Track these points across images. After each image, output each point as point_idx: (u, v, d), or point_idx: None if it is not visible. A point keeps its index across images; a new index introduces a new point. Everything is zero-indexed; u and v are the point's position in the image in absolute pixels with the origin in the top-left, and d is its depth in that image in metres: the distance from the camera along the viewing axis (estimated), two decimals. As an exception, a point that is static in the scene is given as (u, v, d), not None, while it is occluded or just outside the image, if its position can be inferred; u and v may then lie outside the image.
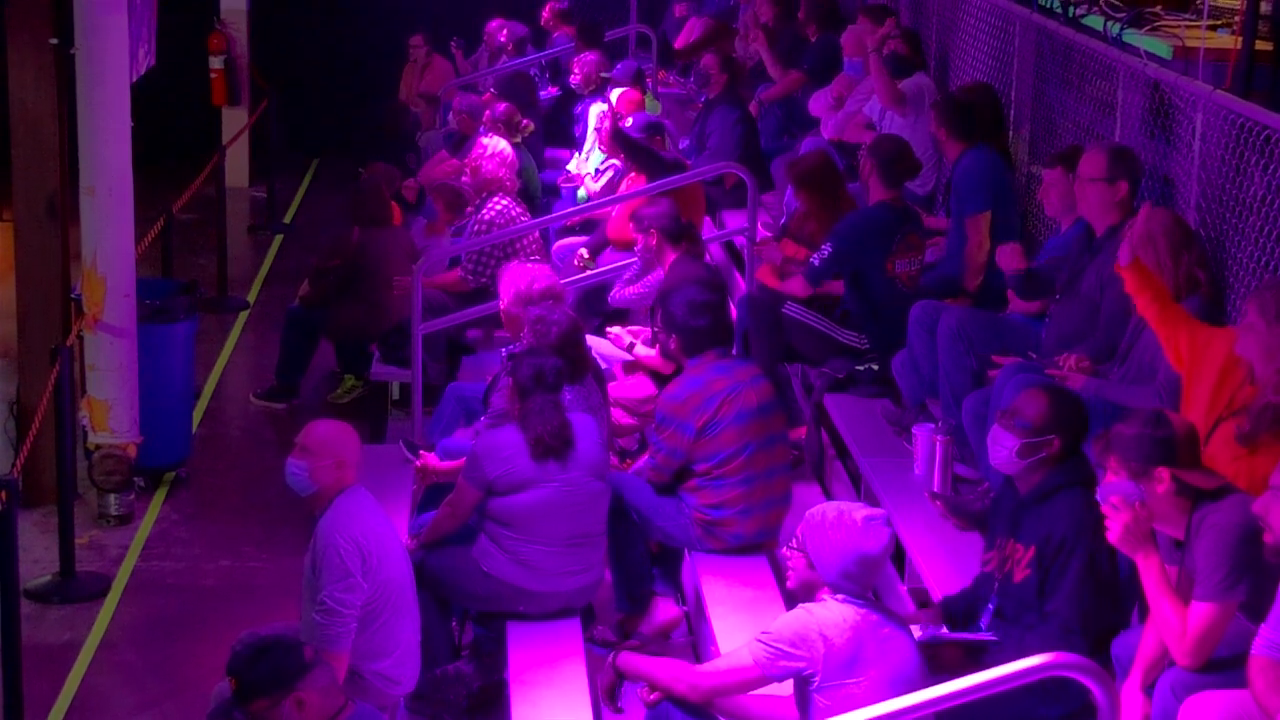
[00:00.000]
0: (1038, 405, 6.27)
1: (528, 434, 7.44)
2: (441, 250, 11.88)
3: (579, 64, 14.80)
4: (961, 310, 8.45)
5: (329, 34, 20.66)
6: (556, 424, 7.45)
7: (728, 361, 8.06)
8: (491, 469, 7.43)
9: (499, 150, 11.72)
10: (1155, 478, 5.62)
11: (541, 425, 7.44)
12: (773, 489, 7.92)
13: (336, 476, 6.90)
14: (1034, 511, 6.24)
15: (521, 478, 7.42)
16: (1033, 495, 6.26)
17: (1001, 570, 6.31)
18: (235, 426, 12.30)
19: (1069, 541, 6.08)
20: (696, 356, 7.97)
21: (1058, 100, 9.51)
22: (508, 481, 7.43)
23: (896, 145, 9.51)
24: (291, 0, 20.55)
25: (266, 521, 10.42)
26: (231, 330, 14.22)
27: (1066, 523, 6.11)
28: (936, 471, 7.93)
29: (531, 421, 7.45)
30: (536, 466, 7.42)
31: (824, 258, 9.27)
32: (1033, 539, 6.17)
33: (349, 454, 6.96)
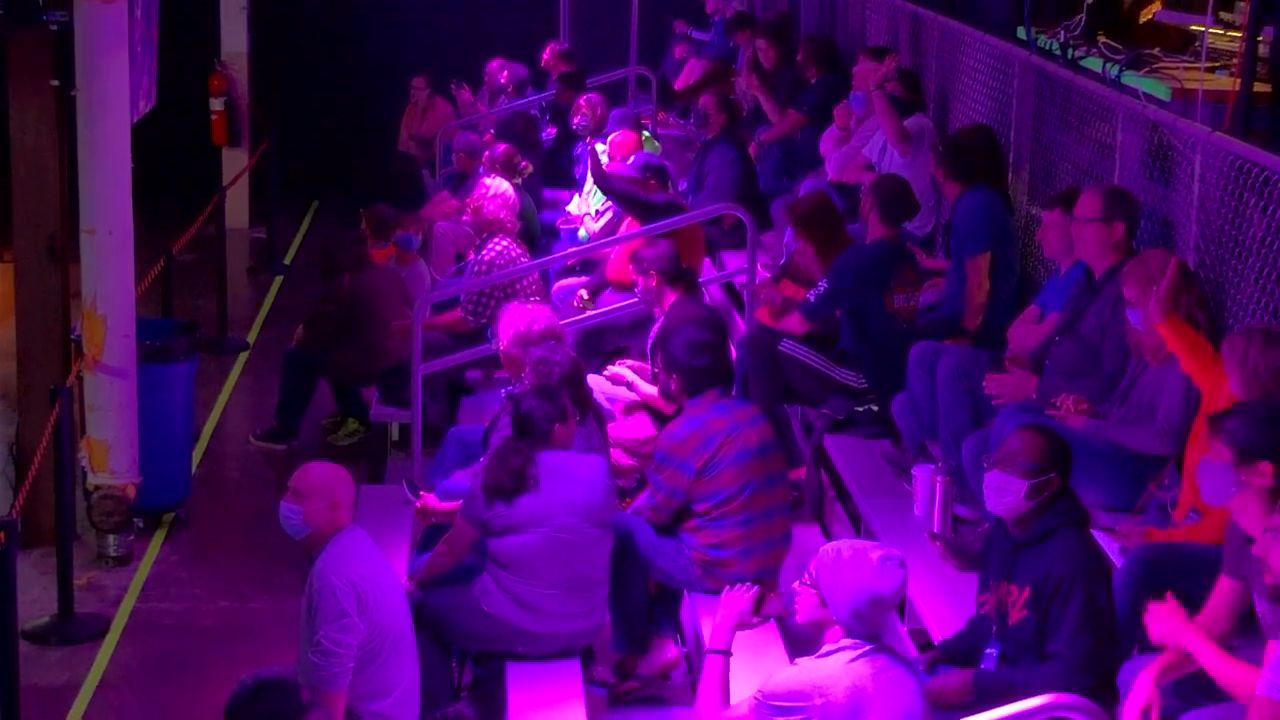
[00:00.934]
0: (1037, 445, 6.27)
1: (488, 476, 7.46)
2: (442, 290, 11.90)
3: (586, 105, 14.83)
4: (961, 351, 8.46)
5: (329, 76, 20.73)
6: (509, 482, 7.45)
7: (728, 401, 8.07)
8: (486, 508, 7.43)
9: (501, 191, 11.74)
10: (1258, 470, 5.61)
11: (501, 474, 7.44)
12: (773, 529, 7.91)
13: (330, 518, 6.90)
14: (1029, 553, 6.23)
15: (515, 519, 7.41)
16: (1029, 536, 6.25)
17: (998, 613, 6.31)
18: (234, 467, 12.30)
19: (1066, 581, 6.08)
20: (697, 396, 7.98)
21: (1057, 141, 9.53)
22: (501, 522, 7.42)
23: (898, 184, 9.55)
24: (292, 42, 20.63)
25: (265, 562, 10.41)
26: (231, 371, 14.23)
27: (1064, 563, 6.11)
28: (936, 512, 7.93)
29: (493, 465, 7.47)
30: (531, 508, 7.40)
31: (821, 294, 9.30)
32: (1027, 580, 6.17)
33: (342, 496, 6.96)
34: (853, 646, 5.61)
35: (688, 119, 15.92)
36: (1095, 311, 7.75)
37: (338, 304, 12.18)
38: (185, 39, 17.89)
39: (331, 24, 20.78)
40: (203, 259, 16.06)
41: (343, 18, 20.82)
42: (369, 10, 20.87)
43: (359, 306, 12.02)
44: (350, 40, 20.77)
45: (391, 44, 20.48)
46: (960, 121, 11.10)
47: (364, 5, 20.91)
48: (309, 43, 20.72)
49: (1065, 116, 9.35)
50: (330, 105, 20.60)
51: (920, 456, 8.55)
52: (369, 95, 19.89)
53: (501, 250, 11.46)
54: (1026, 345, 8.31)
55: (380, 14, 20.80)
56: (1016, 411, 7.49)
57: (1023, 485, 6.21)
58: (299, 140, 19.99)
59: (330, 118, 20.52)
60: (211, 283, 15.38)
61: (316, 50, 20.74)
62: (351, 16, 20.85)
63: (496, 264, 11.36)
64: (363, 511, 9.32)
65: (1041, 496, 6.23)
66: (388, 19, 20.76)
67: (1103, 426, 7.23)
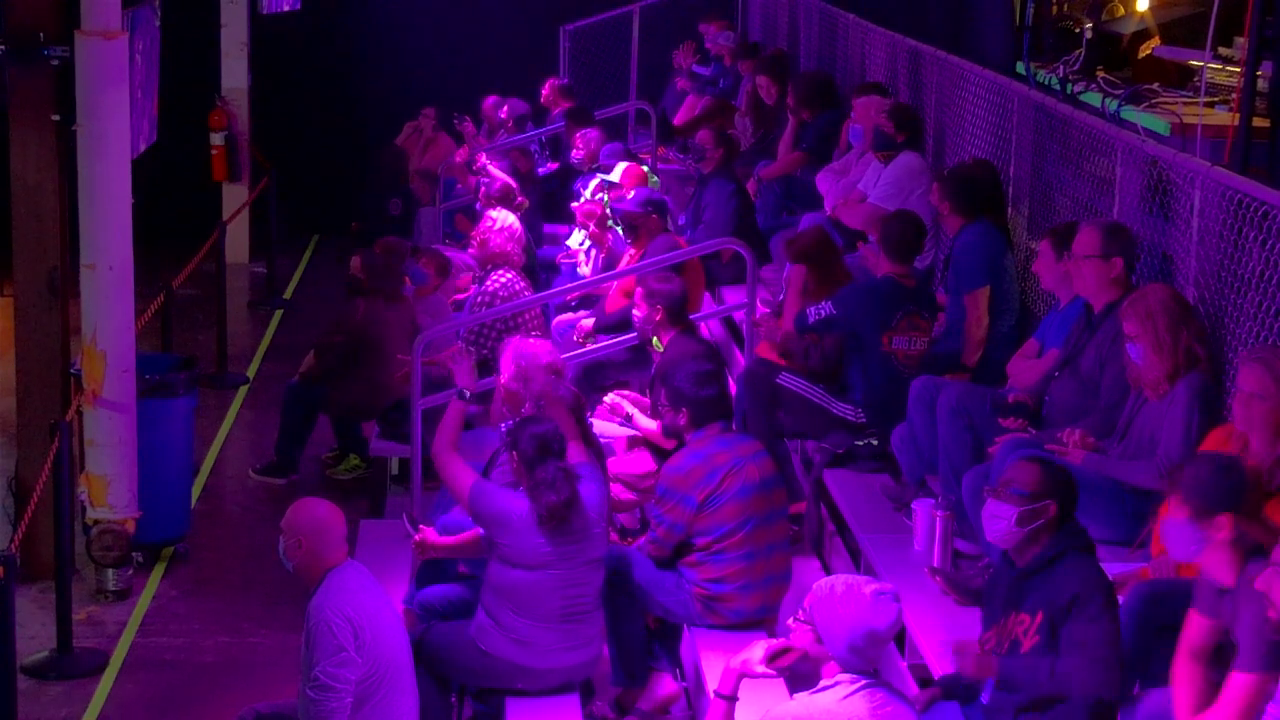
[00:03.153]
0: (1030, 472, 6.26)
1: (538, 505, 7.41)
2: (444, 325, 11.89)
3: (581, 140, 14.86)
4: (961, 386, 8.46)
5: (329, 111, 20.76)
6: (567, 494, 7.43)
7: (731, 436, 8.07)
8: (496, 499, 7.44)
9: (508, 224, 11.75)
10: (1216, 524, 5.60)
11: (553, 495, 7.41)
12: (773, 565, 7.91)
13: (324, 554, 6.90)
14: (1037, 580, 6.20)
15: (529, 556, 7.39)
16: (1034, 564, 6.22)
17: (1003, 646, 6.28)
18: (234, 502, 12.29)
19: (1082, 599, 6.01)
20: (701, 429, 7.98)
21: (1056, 176, 9.54)
22: (510, 552, 7.40)
23: (904, 221, 9.54)
24: (292, 78, 20.67)
25: (265, 597, 10.40)
26: (231, 406, 14.23)
27: (1074, 582, 6.06)
28: (936, 547, 7.92)
29: (542, 493, 7.42)
30: (545, 546, 7.39)
31: (820, 314, 9.32)
32: (1039, 605, 6.14)
33: (335, 531, 6.96)
34: (850, 681, 5.61)
35: (687, 154, 15.92)
36: (1095, 347, 7.76)
37: (347, 333, 12.16)
38: (186, 75, 17.93)
39: (331, 60, 20.82)
40: (203, 294, 16.07)
41: (342, 54, 20.85)
42: (369, 46, 20.91)
43: (368, 338, 12.00)
44: (350, 76, 20.80)
45: (391, 80, 20.52)
46: (959, 157, 11.11)
47: (364, 41, 20.95)
48: (309, 78, 20.75)
49: (1064, 151, 9.37)
50: (330, 140, 20.62)
51: (920, 491, 8.54)
52: (369, 131, 19.91)
53: (505, 283, 11.46)
54: (1026, 381, 8.31)
55: (380, 50, 20.84)
56: (1016, 446, 7.48)
57: (1013, 511, 6.19)
58: (299, 175, 20.01)
59: (330, 153, 20.55)
60: (211, 317, 15.39)
61: (316, 86, 20.77)
62: (351, 53, 20.88)
63: (500, 296, 11.35)
64: (362, 546, 9.32)
65: (1034, 524, 6.19)
66: (388, 55, 20.80)
67: (1103, 462, 7.22)
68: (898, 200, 10.87)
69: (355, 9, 20.99)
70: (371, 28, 20.93)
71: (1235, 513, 5.59)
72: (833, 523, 9.23)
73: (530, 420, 7.73)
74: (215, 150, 18.95)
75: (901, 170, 11.15)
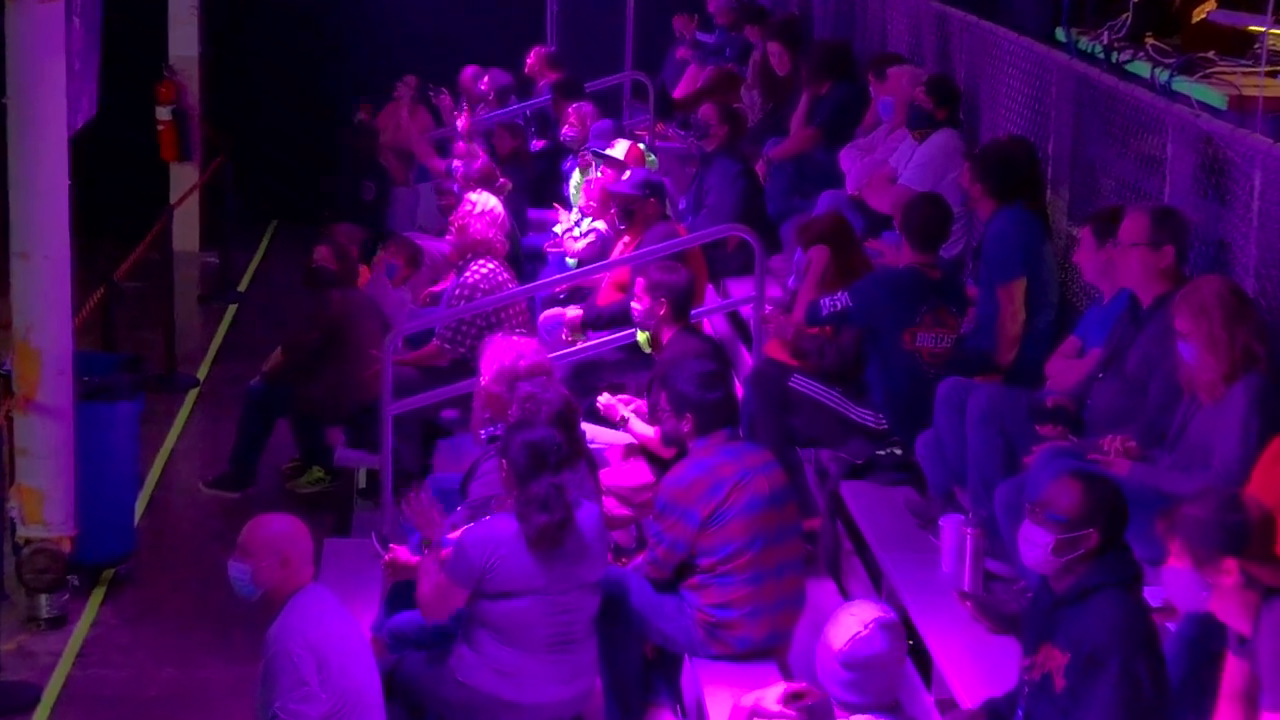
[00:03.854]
0: (1071, 495, 6.22)
1: (527, 525, 7.40)
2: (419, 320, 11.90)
3: (575, 114, 14.85)
4: (993, 388, 8.45)
5: (291, 82, 20.75)
6: (560, 515, 7.41)
7: (738, 445, 8.06)
8: (479, 561, 7.39)
9: (489, 208, 11.73)
10: (1222, 569, 5.60)
11: (545, 516, 7.39)
12: (784, 588, 7.90)
13: (283, 577, 6.91)
14: (1069, 613, 6.20)
15: (513, 581, 7.38)
16: (1068, 595, 6.22)
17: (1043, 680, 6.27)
18: (183, 518, 12.29)
19: (1101, 650, 6.01)
20: (706, 437, 7.97)
21: (1099, 155, 9.54)
22: (497, 582, 7.38)
23: (929, 205, 9.54)
24: (249, 45, 20.65)
25: (218, 625, 10.39)
26: (180, 411, 14.23)
27: (1100, 629, 6.04)
28: (966, 568, 7.92)
29: (532, 512, 7.41)
30: (534, 568, 7.38)
31: (834, 306, 9.32)
32: (1067, 644, 6.14)
33: (296, 551, 6.96)
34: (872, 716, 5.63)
35: (688, 131, 15.91)
36: (1142, 345, 7.74)
37: (319, 328, 12.17)
38: (130, 42, 17.93)
39: (293, 25, 20.82)
40: (149, 286, 16.03)
41: (306, 19, 20.84)
42: (335, 10, 20.91)
43: (344, 331, 12.02)
44: (314, 43, 20.80)
45: (360, 48, 20.51)
46: (992, 134, 11.11)
47: (330, 5, 20.95)
48: (268, 46, 20.75)
49: (1109, 128, 9.36)
50: (291, 116, 20.62)
51: (948, 506, 8.54)
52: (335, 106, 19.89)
53: (487, 274, 11.45)
54: (1066, 383, 8.30)
55: (348, 15, 20.85)
56: (1055, 455, 7.48)
57: (1049, 539, 6.16)
58: (256, 154, 20.00)
59: (291, 131, 20.54)
60: (158, 313, 15.37)
61: (277, 54, 20.76)
62: (315, 18, 20.87)
63: (480, 288, 11.35)
64: (326, 567, 9.33)
65: (1073, 554, 6.17)
66: (356, 20, 20.80)
67: (1150, 473, 7.21)
68: (930, 182, 10.87)
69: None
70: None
71: (1241, 555, 5.58)
72: (850, 541, 9.24)
73: (522, 426, 7.70)
74: (163, 126, 18.95)
75: (937, 149, 11.14)
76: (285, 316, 14.79)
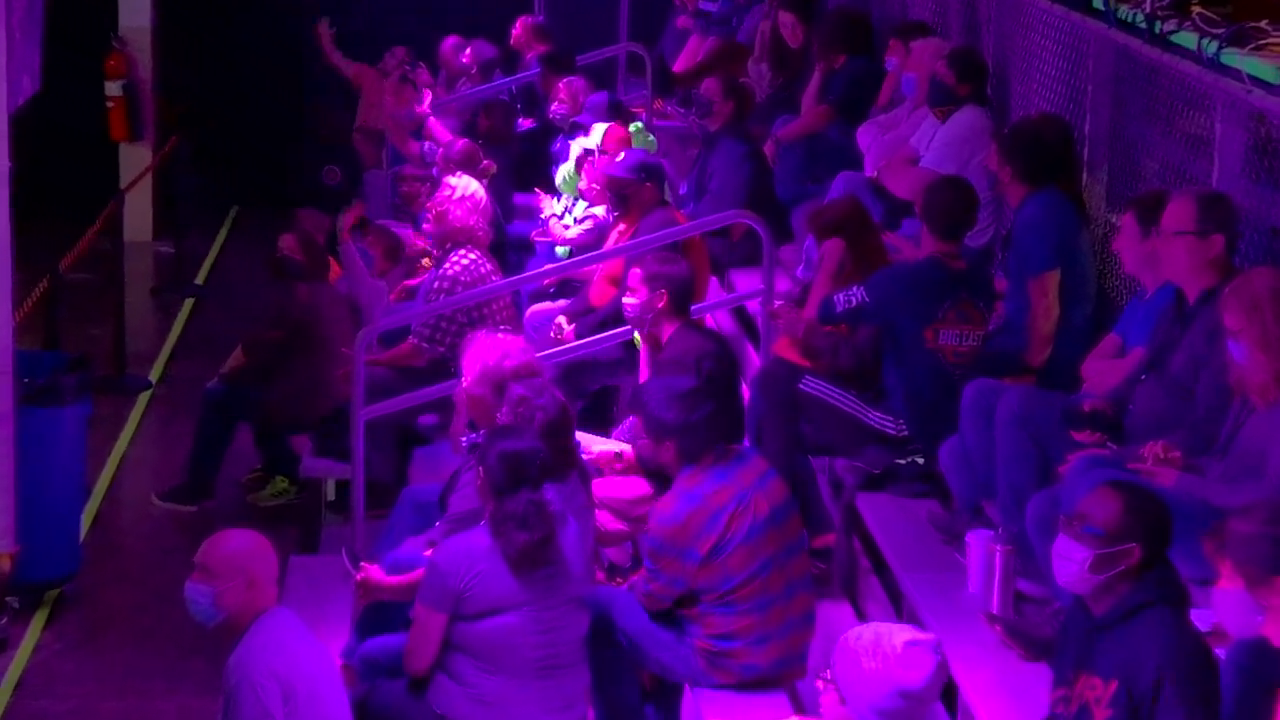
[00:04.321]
0: (1110, 507, 6.22)
1: (504, 543, 7.39)
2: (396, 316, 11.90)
3: (565, 90, 14.84)
4: (1024, 391, 8.45)
5: (252, 56, 20.74)
6: (541, 534, 7.41)
7: (728, 462, 7.97)
8: (455, 581, 7.39)
9: (470, 193, 11.70)
10: (1277, 589, 5.60)
11: (524, 534, 7.39)
12: (793, 609, 7.90)
13: (248, 599, 6.91)
14: (1111, 637, 6.19)
15: (494, 599, 7.38)
16: (1108, 617, 6.21)
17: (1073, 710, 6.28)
18: (134, 534, 12.29)
19: (1165, 671, 6.00)
20: (692, 464, 7.92)
21: (1141, 135, 9.55)
22: (475, 602, 7.39)
23: (953, 189, 9.54)
24: (206, 15, 20.64)
25: (173, 650, 10.38)
26: (130, 415, 14.23)
27: (1159, 649, 6.02)
28: (995, 588, 7.92)
29: (510, 529, 7.40)
30: (516, 583, 7.39)
31: (850, 302, 9.31)
32: (1113, 671, 6.12)
33: (261, 571, 6.96)
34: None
35: (689, 109, 15.91)
36: (1188, 344, 7.75)
37: (285, 325, 12.17)
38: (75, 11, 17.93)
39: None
40: (97, 279, 16.05)
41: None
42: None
43: (312, 327, 12.02)
44: (278, 13, 20.78)
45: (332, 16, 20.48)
46: (1022, 112, 11.12)
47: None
48: (228, 15, 20.75)
49: (1151, 105, 9.37)
50: (253, 93, 20.61)
51: (974, 520, 8.55)
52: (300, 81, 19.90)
53: (468, 265, 11.43)
54: (1104, 385, 8.31)
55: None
56: (1092, 465, 7.48)
57: (1085, 555, 6.15)
58: (215, 134, 20.00)
59: (253, 108, 20.54)
60: (108, 308, 15.37)
61: (237, 24, 20.76)
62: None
63: (461, 281, 11.34)
64: (292, 588, 9.33)
65: (1112, 571, 6.16)
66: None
67: (1198, 484, 7.21)
68: (955, 165, 10.88)
69: (283, -71, 21.01)
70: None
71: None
72: (868, 558, 9.24)
73: (504, 433, 7.70)
74: (112, 103, 18.94)
75: (962, 129, 11.14)
76: (247, 312, 14.79)
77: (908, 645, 5.68)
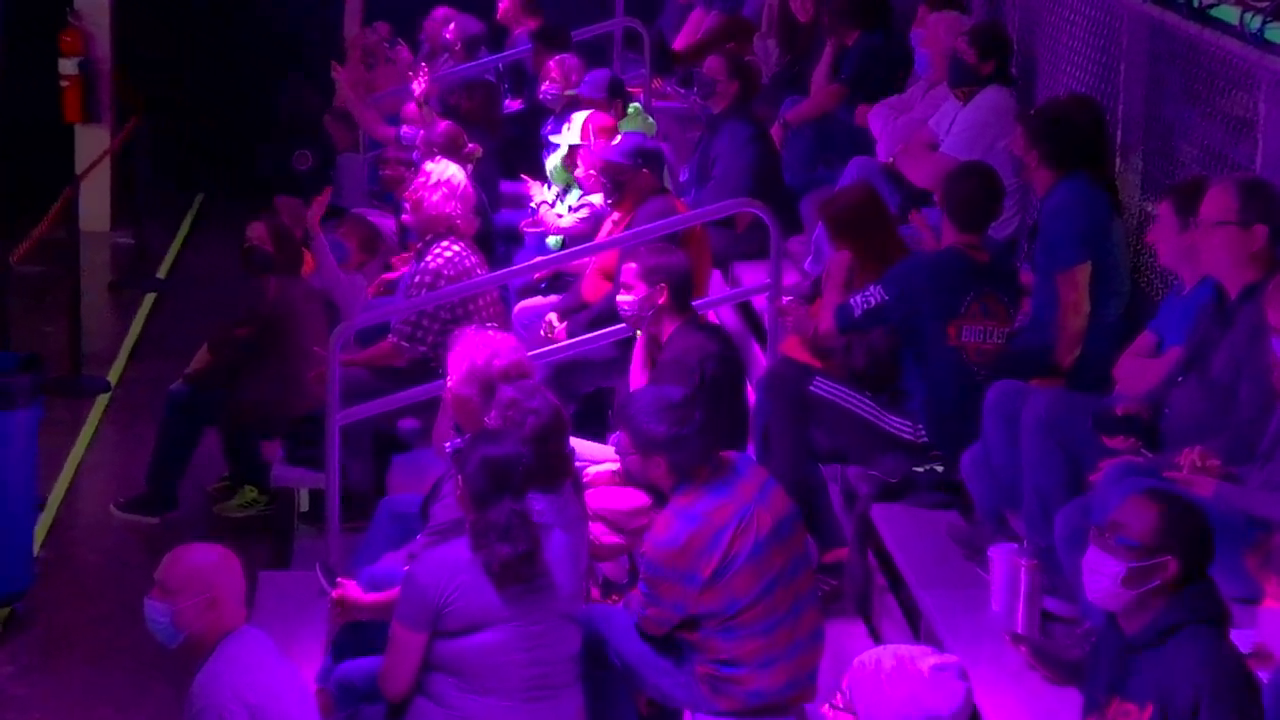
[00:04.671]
0: (1146, 516, 6.22)
1: (486, 555, 7.38)
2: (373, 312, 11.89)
3: (557, 68, 14.81)
4: (1052, 394, 8.45)
5: (218, 34, 20.74)
6: (525, 547, 7.40)
7: (723, 477, 7.90)
8: (434, 595, 7.38)
9: (446, 178, 11.67)
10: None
11: (507, 547, 7.38)
12: (801, 628, 7.87)
13: (211, 618, 6.91)
14: (1146, 658, 6.19)
15: (476, 613, 7.38)
16: (1143, 637, 6.21)
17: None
18: (92, 547, 12.29)
19: (1203, 695, 6.00)
20: (686, 482, 7.89)
21: (1178, 118, 9.55)
22: (457, 617, 7.38)
23: (976, 176, 9.54)
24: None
25: (132, 673, 10.39)
26: (88, 419, 14.22)
27: (1198, 670, 6.02)
28: (1020, 607, 7.92)
29: (490, 540, 7.39)
30: (496, 598, 7.38)
31: (868, 303, 9.29)
32: (1149, 695, 6.12)
33: (226, 588, 6.96)
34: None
35: (690, 89, 15.92)
36: (1229, 343, 7.75)
37: (254, 322, 12.16)
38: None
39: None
40: (50, 272, 16.06)
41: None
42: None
43: (283, 324, 12.01)
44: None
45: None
46: (1049, 92, 11.13)
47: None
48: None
49: (1190, 84, 9.37)
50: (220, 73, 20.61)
51: (998, 533, 8.55)
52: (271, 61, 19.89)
53: (452, 258, 11.42)
54: (1139, 386, 8.31)
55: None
56: (1125, 473, 7.48)
57: (1119, 567, 6.15)
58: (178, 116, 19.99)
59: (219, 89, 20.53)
60: (62, 303, 15.38)
61: None
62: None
63: (445, 275, 11.33)
64: (262, 606, 9.33)
65: (1146, 585, 6.16)
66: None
67: (1238, 494, 7.21)
68: (978, 149, 10.88)
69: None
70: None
71: None
72: (883, 575, 9.24)
73: (486, 438, 7.68)
74: (67, 82, 18.94)
75: (985, 111, 11.15)
76: (213, 307, 14.80)
77: (935, 670, 5.68)
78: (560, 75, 14.79)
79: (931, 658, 5.73)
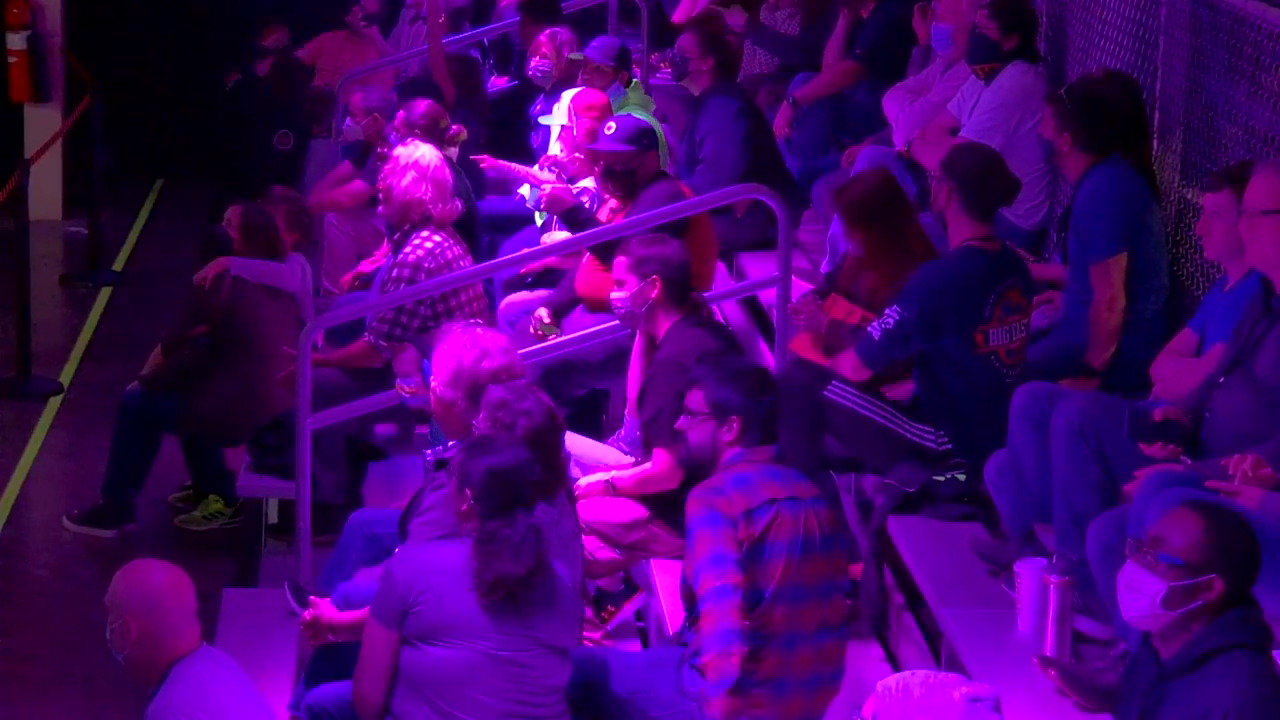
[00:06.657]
0: (1190, 531, 6.22)
1: (484, 570, 7.36)
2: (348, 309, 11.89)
3: (548, 42, 14.80)
4: (1085, 396, 8.46)
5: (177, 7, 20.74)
6: (530, 564, 7.39)
7: (785, 469, 7.94)
8: (404, 590, 7.37)
9: (415, 159, 11.57)
10: None
11: (512, 564, 7.36)
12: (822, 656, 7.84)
13: (155, 641, 6.92)
14: (1181, 686, 6.20)
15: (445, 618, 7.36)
16: (1177, 662, 6.22)
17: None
18: (41, 564, 12.29)
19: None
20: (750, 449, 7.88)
21: (1222, 96, 9.57)
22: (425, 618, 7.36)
23: (981, 155, 9.52)
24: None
25: (85, 699, 10.42)
26: (36, 425, 14.23)
27: (1229, 696, 6.05)
28: (1050, 627, 7.94)
29: (497, 555, 7.38)
30: (475, 608, 7.36)
31: (888, 329, 9.23)
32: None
33: (173, 608, 6.96)
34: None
35: (676, 68, 15.93)
36: (1276, 341, 7.77)
37: (209, 318, 12.15)
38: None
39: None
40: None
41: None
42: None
43: (241, 325, 12.01)
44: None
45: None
46: (1081, 69, 11.14)
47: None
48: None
49: (1234, 60, 9.39)
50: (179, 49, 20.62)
51: (1026, 547, 8.56)
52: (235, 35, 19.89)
53: (432, 249, 11.41)
54: (1179, 388, 8.32)
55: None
56: (1164, 483, 7.49)
57: (1160, 586, 6.16)
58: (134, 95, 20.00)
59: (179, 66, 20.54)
60: (10, 298, 15.39)
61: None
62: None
63: (424, 267, 11.32)
64: (226, 627, 9.34)
65: (1188, 605, 6.17)
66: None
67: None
68: (1001, 133, 10.89)
69: None
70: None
71: None
72: (901, 592, 9.26)
73: (484, 446, 7.65)
74: (14, 58, 18.95)
75: (1009, 90, 11.16)
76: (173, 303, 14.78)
77: (969, 701, 5.67)
78: (551, 49, 14.75)
79: (964, 686, 5.72)
